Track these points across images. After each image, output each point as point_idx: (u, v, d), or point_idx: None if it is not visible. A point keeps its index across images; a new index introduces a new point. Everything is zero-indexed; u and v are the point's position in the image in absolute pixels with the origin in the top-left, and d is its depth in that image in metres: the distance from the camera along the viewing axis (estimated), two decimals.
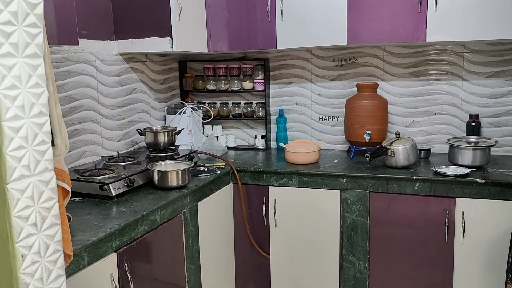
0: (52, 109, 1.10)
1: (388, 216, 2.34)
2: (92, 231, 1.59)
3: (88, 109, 2.38)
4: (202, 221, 2.25)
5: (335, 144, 2.99)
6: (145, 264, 1.84)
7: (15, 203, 0.97)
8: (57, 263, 1.08)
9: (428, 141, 2.79)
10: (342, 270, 2.47)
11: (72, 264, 1.42)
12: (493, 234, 2.17)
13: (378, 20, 2.44)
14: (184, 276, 2.11)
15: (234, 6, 2.72)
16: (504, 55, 2.59)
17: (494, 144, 2.36)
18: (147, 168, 2.18)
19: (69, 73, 2.25)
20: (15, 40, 0.96)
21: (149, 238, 1.85)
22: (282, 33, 2.62)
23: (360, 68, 2.87)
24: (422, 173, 2.29)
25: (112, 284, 1.63)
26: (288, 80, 3.05)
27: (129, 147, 2.71)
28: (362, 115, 2.65)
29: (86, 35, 2.35)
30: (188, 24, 2.55)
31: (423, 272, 2.31)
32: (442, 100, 2.74)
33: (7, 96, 0.95)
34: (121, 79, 2.62)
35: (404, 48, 2.77)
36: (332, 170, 2.43)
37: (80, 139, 2.33)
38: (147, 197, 2.01)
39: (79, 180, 2.01)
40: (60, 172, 1.23)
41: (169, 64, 3.08)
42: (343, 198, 2.40)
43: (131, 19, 2.50)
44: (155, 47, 2.48)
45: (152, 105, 2.90)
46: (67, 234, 1.28)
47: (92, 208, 1.86)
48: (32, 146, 1.00)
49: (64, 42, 1.79)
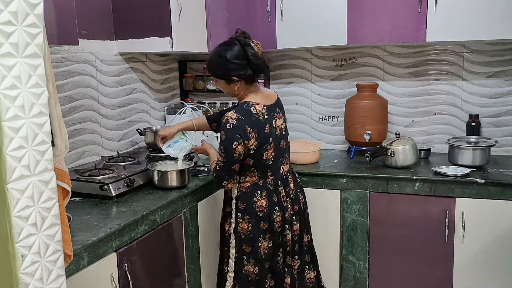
0: (52, 109, 1.10)
1: (388, 216, 2.34)
2: (92, 231, 1.59)
3: (88, 109, 2.38)
4: (202, 221, 2.24)
5: (335, 144, 2.99)
6: (145, 264, 1.84)
7: (15, 203, 0.97)
8: (57, 263, 1.08)
9: (428, 141, 2.79)
10: (342, 270, 2.46)
11: (72, 264, 1.42)
12: (493, 234, 2.17)
13: (378, 20, 2.44)
14: (184, 276, 2.11)
15: (234, 6, 2.72)
16: (504, 55, 2.59)
17: (494, 144, 2.36)
18: (147, 168, 2.18)
19: (69, 73, 2.25)
20: (15, 40, 0.96)
21: (149, 238, 1.85)
22: (282, 33, 2.62)
23: (360, 68, 2.87)
24: (422, 173, 2.29)
25: (112, 284, 1.63)
26: (288, 80, 3.05)
27: (129, 147, 2.71)
28: (362, 115, 2.65)
29: (86, 35, 2.35)
30: (188, 24, 2.55)
31: (423, 272, 2.31)
32: (442, 100, 2.74)
33: (7, 96, 0.95)
34: (121, 79, 2.61)
35: (404, 48, 2.77)
36: (332, 170, 2.43)
37: (80, 139, 2.33)
38: (147, 197, 2.01)
39: (79, 180, 2.01)
40: (60, 172, 1.23)
41: (169, 64, 3.08)
42: (343, 198, 2.40)
43: (131, 19, 2.50)
44: (155, 47, 2.48)
45: (152, 105, 2.90)
46: (67, 234, 1.28)
47: (92, 208, 1.86)
48: (32, 146, 1.00)
49: (64, 42, 1.79)
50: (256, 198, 1.89)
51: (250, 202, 1.90)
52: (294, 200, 2.00)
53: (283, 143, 1.95)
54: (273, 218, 1.91)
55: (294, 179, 2.05)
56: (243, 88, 1.89)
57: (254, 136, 1.80)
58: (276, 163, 1.92)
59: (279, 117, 1.93)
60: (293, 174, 2.07)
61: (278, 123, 1.92)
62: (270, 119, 1.87)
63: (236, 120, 1.78)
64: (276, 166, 1.93)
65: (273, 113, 1.90)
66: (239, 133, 1.78)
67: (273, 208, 1.91)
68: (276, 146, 1.90)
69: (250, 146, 1.81)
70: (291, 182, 2.00)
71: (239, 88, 1.89)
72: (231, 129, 1.78)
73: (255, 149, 1.82)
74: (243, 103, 1.86)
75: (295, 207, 2.00)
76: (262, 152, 1.85)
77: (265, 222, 1.91)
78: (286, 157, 2.01)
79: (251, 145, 1.81)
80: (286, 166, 1.99)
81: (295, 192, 2.02)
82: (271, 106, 1.91)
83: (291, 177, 2.02)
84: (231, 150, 1.79)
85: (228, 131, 1.79)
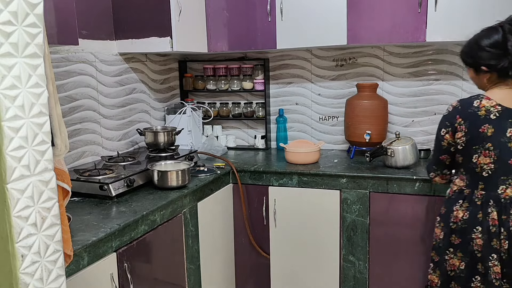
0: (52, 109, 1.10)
1: (388, 216, 2.34)
2: (92, 231, 1.59)
3: (88, 109, 2.38)
4: (202, 221, 2.25)
5: (335, 144, 2.99)
6: (145, 264, 1.84)
7: (15, 203, 0.97)
8: (57, 263, 1.08)
9: (428, 141, 2.79)
10: (342, 270, 2.47)
11: (72, 264, 1.42)
12: None
13: (378, 20, 2.44)
14: (184, 276, 2.11)
15: (234, 6, 2.72)
16: None
17: None
18: (147, 168, 2.18)
19: (69, 73, 2.25)
20: (15, 40, 0.96)
21: (149, 238, 1.85)
22: (282, 33, 2.62)
23: (360, 68, 2.87)
24: (422, 173, 2.29)
25: (112, 284, 1.63)
26: (288, 80, 3.05)
27: (129, 147, 2.71)
28: (362, 115, 2.65)
29: (86, 35, 2.35)
30: (188, 24, 2.55)
31: (423, 272, 2.31)
32: (442, 100, 2.74)
33: (7, 96, 0.95)
34: (121, 79, 2.62)
35: (404, 48, 2.77)
36: (332, 170, 2.43)
37: (80, 139, 2.33)
38: (147, 197, 2.01)
39: (79, 180, 2.01)
40: (60, 172, 1.23)
41: (169, 64, 3.08)
42: (343, 198, 2.40)
43: (131, 19, 2.50)
44: (155, 47, 2.48)
45: (152, 105, 2.90)
46: (67, 234, 1.28)
47: (92, 208, 1.86)
48: (32, 146, 1.00)
49: (64, 42, 1.79)
50: (455, 207, 1.69)
51: (449, 209, 1.71)
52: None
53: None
54: (471, 237, 1.64)
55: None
56: (494, 82, 1.67)
57: (463, 130, 1.63)
58: (494, 178, 1.61)
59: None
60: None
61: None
62: (500, 123, 1.59)
63: (453, 107, 1.67)
64: (493, 182, 1.62)
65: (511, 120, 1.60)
66: (449, 120, 1.67)
67: (473, 226, 1.63)
68: (500, 158, 1.60)
69: (458, 140, 1.65)
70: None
71: (489, 80, 1.67)
72: (445, 116, 1.70)
73: (464, 146, 1.65)
74: (474, 95, 1.69)
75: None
76: (471, 153, 1.64)
77: (457, 237, 1.68)
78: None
79: (459, 139, 1.65)
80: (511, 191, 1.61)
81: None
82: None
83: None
84: (439, 137, 1.72)
85: (443, 117, 1.70)
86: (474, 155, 1.64)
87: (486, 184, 1.63)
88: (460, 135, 1.65)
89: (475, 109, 1.62)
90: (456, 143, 1.66)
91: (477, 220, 1.63)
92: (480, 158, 1.63)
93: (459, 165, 1.73)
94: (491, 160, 1.61)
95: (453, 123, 1.66)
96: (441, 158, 1.74)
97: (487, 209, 1.62)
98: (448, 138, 1.69)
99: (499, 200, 1.61)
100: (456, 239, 1.69)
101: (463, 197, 1.69)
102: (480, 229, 1.62)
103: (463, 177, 1.71)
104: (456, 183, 1.74)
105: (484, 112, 1.61)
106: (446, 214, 1.73)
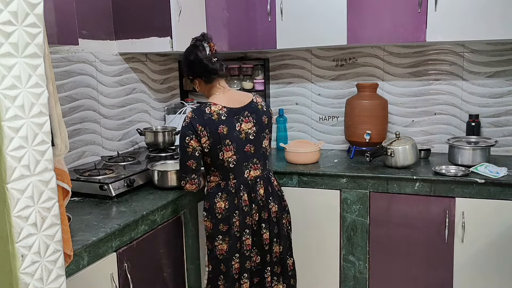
0: (52, 109, 1.10)
1: (388, 216, 2.34)
2: (92, 231, 1.59)
3: (88, 109, 2.38)
4: (202, 221, 2.24)
5: (335, 144, 2.99)
6: (145, 264, 1.84)
7: (15, 203, 0.97)
8: (57, 263, 1.08)
9: (428, 141, 2.79)
10: (342, 270, 2.47)
11: (72, 264, 1.42)
12: (493, 234, 2.17)
13: (378, 20, 2.44)
14: (184, 276, 2.11)
15: (234, 6, 2.72)
16: (504, 55, 2.59)
17: (494, 144, 2.36)
18: (147, 168, 2.18)
19: (69, 73, 2.25)
20: (15, 40, 0.96)
21: (149, 238, 1.85)
22: (282, 33, 2.62)
23: (360, 68, 2.87)
24: (422, 173, 2.29)
25: (112, 284, 1.63)
26: (288, 80, 3.05)
27: (129, 147, 2.71)
28: (362, 115, 2.65)
29: (86, 35, 2.35)
30: (188, 24, 2.54)
31: (423, 272, 2.31)
32: (442, 100, 2.74)
33: (7, 96, 0.95)
34: (121, 79, 2.62)
35: (404, 48, 2.77)
36: (332, 170, 2.43)
37: (80, 139, 2.33)
38: (147, 197, 2.01)
39: (79, 180, 2.01)
40: (60, 172, 1.23)
41: (169, 64, 3.08)
42: (343, 198, 2.40)
43: (131, 19, 2.50)
44: (155, 47, 2.48)
45: (152, 105, 2.90)
46: (67, 234, 1.28)
47: (92, 208, 1.86)
48: (32, 146, 1.00)
49: (64, 42, 1.79)
50: (216, 200, 1.90)
51: (212, 203, 1.91)
52: (263, 207, 1.94)
53: (249, 148, 1.91)
54: (233, 221, 1.89)
55: (267, 186, 1.97)
56: (205, 87, 1.98)
57: (206, 135, 1.83)
58: (239, 167, 1.90)
59: (246, 121, 1.91)
60: (267, 181, 1.98)
61: (244, 127, 1.90)
62: (230, 121, 1.87)
63: (190, 118, 1.85)
64: (239, 170, 1.90)
65: (237, 116, 1.89)
66: (191, 129, 1.84)
67: (234, 212, 1.89)
68: (238, 149, 1.88)
69: (203, 144, 1.85)
70: (261, 189, 1.94)
71: (200, 86, 1.99)
72: (184, 126, 1.86)
73: (209, 148, 1.86)
74: (202, 103, 1.93)
75: (263, 215, 1.94)
76: (217, 152, 1.86)
77: (224, 224, 1.90)
78: (256, 163, 1.94)
79: (204, 143, 1.85)
80: (254, 172, 1.94)
81: (265, 200, 1.95)
82: (236, 109, 1.90)
83: (261, 184, 1.95)
84: (184, 145, 1.85)
85: (182, 128, 1.87)
86: (219, 153, 1.87)
87: (235, 173, 1.91)
88: (205, 140, 1.85)
89: (209, 115, 1.85)
90: (202, 147, 1.86)
91: (234, 205, 1.90)
92: (225, 154, 1.87)
93: (209, 165, 1.93)
94: (232, 153, 1.88)
95: (196, 131, 1.84)
96: (187, 164, 1.88)
97: (240, 193, 1.90)
98: (193, 144, 1.85)
99: (247, 182, 1.92)
100: (224, 227, 1.91)
101: (220, 189, 1.92)
102: (238, 213, 1.90)
103: (215, 173, 1.93)
104: (212, 180, 1.95)
105: (217, 116, 1.86)
106: (211, 207, 1.92)
